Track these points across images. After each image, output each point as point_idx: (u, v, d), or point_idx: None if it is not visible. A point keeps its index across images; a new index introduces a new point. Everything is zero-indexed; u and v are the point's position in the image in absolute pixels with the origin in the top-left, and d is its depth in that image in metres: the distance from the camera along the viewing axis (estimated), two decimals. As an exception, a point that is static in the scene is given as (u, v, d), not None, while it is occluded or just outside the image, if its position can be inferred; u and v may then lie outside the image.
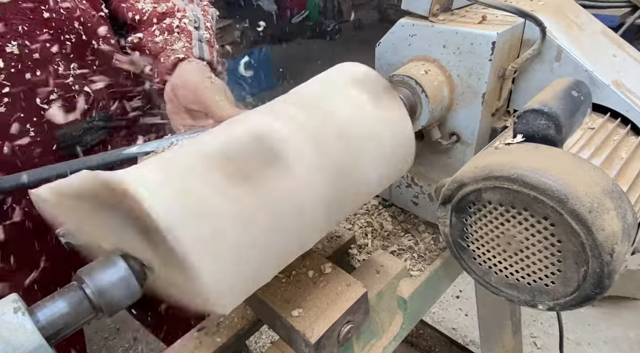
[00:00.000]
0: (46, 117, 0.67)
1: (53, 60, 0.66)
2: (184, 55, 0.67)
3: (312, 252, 0.59)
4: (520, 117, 0.48)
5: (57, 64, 0.67)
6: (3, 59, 0.62)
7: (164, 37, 0.69)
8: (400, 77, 0.58)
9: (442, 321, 1.88)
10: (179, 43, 0.68)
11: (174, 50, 0.67)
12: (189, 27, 0.71)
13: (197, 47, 0.69)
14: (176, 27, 0.70)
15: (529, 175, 0.41)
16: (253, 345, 1.83)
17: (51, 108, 0.67)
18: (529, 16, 0.55)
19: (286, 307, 0.52)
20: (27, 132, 0.66)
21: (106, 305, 0.36)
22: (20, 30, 0.62)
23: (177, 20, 0.71)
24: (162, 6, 0.72)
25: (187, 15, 0.72)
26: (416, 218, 0.77)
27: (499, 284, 0.49)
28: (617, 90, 0.57)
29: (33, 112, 0.66)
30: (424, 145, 0.67)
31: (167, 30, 0.70)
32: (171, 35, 0.70)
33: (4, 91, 0.62)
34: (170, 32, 0.70)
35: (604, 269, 0.39)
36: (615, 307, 1.84)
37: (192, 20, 0.72)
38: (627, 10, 1.87)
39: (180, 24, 0.71)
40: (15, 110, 0.64)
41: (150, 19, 0.72)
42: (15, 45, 0.62)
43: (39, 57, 0.65)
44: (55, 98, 0.67)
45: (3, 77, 0.62)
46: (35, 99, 0.66)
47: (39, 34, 0.64)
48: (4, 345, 0.30)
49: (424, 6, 0.59)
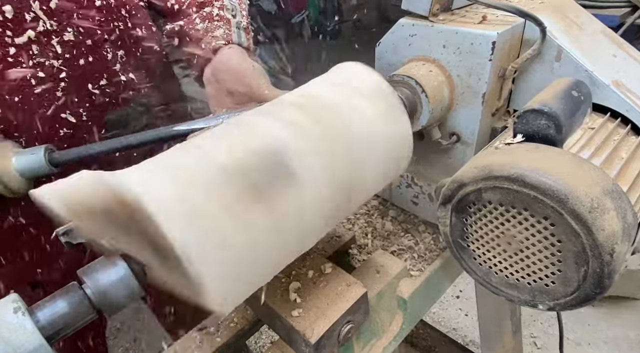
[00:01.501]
0: (96, 102, 0.71)
1: (103, 47, 0.70)
2: (224, 41, 0.71)
3: (312, 252, 0.59)
4: (520, 117, 0.48)
5: (106, 51, 0.70)
6: (61, 46, 0.65)
7: (204, 24, 0.73)
8: (400, 77, 0.58)
9: (442, 321, 1.88)
10: (219, 30, 0.72)
11: (215, 37, 0.71)
12: (227, 15, 0.74)
13: (235, 34, 0.73)
14: (216, 15, 0.74)
15: (529, 175, 0.41)
16: (253, 345, 1.83)
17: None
18: (529, 16, 0.55)
19: (286, 307, 0.52)
20: (80, 116, 0.70)
21: (106, 305, 0.36)
22: (75, 17, 0.66)
23: (216, 9, 0.74)
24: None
25: (225, 3, 0.76)
26: (416, 218, 0.77)
27: (499, 284, 0.49)
28: (617, 90, 0.57)
29: (86, 96, 0.70)
30: (424, 145, 0.67)
31: (207, 18, 0.73)
32: (211, 22, 0.73)
33: (61, 76, 0.66)
34: (211, 19, 0.73)
35: (604, 269, 0.39)
36: (615, 307, 1.84)
37: (230, 8, 0.76)
38: (627, 10, 1.87)
39: (220, 12, 0.74)
40: (71, 94, 0.68)
41: (190, 7, 0.76)
42: (71, 32, 0.65)
43: (91, 44, 0.68)
44: (105, 84, 0.71)
45: (61, 62, 0.65)
46: (87, 84, 0.69)
47: (91, 21, 0.68)
48: (4, 345, 0.30)
49: (424, 6, 0.59)
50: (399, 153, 0.52)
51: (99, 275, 0.36)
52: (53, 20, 0.64)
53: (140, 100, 0.78)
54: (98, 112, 0.72)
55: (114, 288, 0.36)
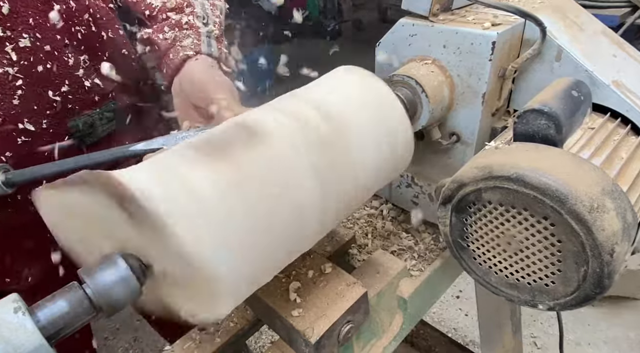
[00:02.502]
0: (58, 109, 0.68)
1: (63, 52, 0.67)
2: (192, 51, 0.67)
3: (312, 252, 0.59)
4: (520, 117, 0.48)
5: (67, 56, 0.68)
6: (16, 52, 0.62)
7: (173, 33, 0.70)
8: (400, 77, 0.58)
9: (442, 321, 1.88)
10: (188, 39, 0.69)
11: (183, 47, 0.68)
12: (197, 23, 0.71)
13: (205, 43, 0.70)
14: (185, 23, 0.70)
15: (529, 175, 0.41)
16: (253, 345, 1.83)
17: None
18: (529, 16, 0.55)
19: (286, 307, 0.52)
20: (39, 124, 0.67)
21: (106, 305, 0.36)
22: (32, 22, 0.63)
23: (185, 17, 0.71)
24: (171, 1, 0.73)
25: (196, 11, 0.73)
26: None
27: (499, 284, 0.49)
28: (617, 90, 0.57)
29: (45, 104, 0.67)
30: (424, 145, 0.67)
31: (176, 26, 0.70)
32: (180, 31, 0.70)
33: (17, 84, 0.63)
34: (180, 28, 0.70)
35: (604, 269, 0.39)
36: (615, 307, 1.84)
37: (201, 16, 0.73)
38: (627, 10, 1.87)
39: (189, 20, 0.71)
40: (29, 102, 0.65)
41: (160, 14, 0.73)
42: (27, 38, 0.63)
43: (50, 50, 0.65)
44: (67, 90, 0.68)
45: (16, 69, 0.63)
46: (47, 92, 0.67)
47: (50, 26, 0.65)
48: (4, 345, 0.30)
49: (424, 6, 0.59)
50: (400, 153, 0.52)
51: (100, 274, 0.36)
52: (5, 26, 0.60)
53: (108, 105, 0.75)
54: (60, 119, 0.69)
55: (114, 288, 0.36)
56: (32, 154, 0.68)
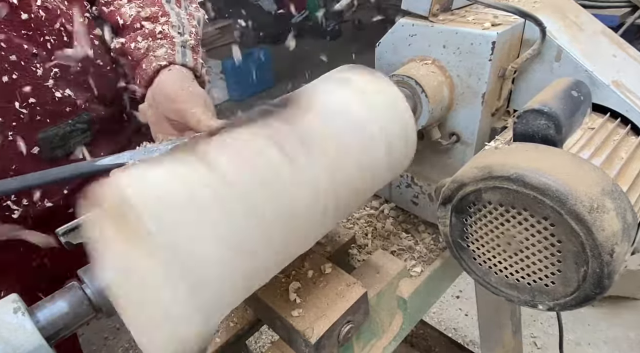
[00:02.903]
0: (25, 120, 0.66)
1: (31, 63, 0.65)
2: (166, 62, 0.66)
3: (312, 252, 0.59)
4: (520, 117, 0.48)
5: (35, 67, 0.65)
6: None
7: (146, 43, 0.68)
8: (400, 77, 0.58)
9: (442, 321, 1.88)
10: (162, 49, 0.67)
11: (157, 57, 0.66)
12: (172, 32, 0.69)
13: (180, 53, 0.67)
14: (159, 32, 0.68)
15: (529, 175, 0.41)
16: (253, 345, 1.83)
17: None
18: (529, 16, 0.55)
19: (286, 307, 0.52)
20: (5, 137, 0.65)
21: (106, 305, 0.36)
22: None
23: (160, 26, 0.69)
24: (146, 11, 0.71)
25: (171, 20, 0.71)
26: (416, 218, 0.77)
27: (499, 284, 0.49)
28: (617, 90, 0.57)
29: (12, 115, 0.65)
30: (423, 145, 0.67)
31: (150, 35, 0.68)
32: (154, 41, 0.68)
33: None
34: (153, 37, 0.68)
35: (603, 269, 0.39)
36: (615, 307, 1.84)
37: (176, 25, 0.70)
38: (627, 10, 1.87)
39: (163, 30, 0.69)
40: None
41: (134, 23, 0.70)
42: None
43: (16, 60, 0.63)
44: (34, 102, 0.66)
45: None
46: (14, 103, 0.64)
47: (16, 36, 0.63)
48: (4, 345, 0.30)
49: (424, 6, 0.59)
50: (401, 153, 0.52)
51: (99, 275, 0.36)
52: None
53: (81, 116, 0.73)
54: (27, 131, 0.67)
55: (114, 289, 0.36)
56: (1, 167, 0.66)
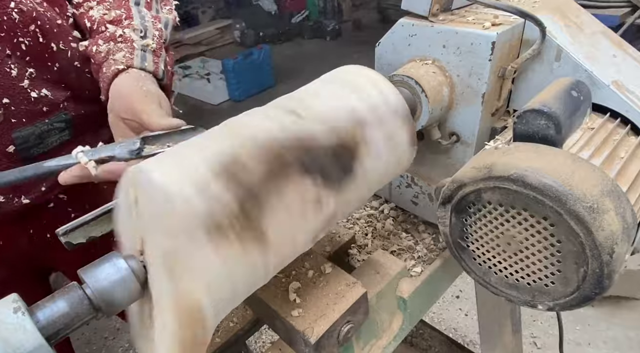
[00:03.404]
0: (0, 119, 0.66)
1: (5, 63, 0.66)
2: (124, 65, 0.66)
3: (312, 252, 0.59)
4: (520, 117, 0.48)
5: (9, 67, 0.66)
6: None
7: (107, 46, 0.68)
8: (400, 77, 0.58)
9: (442, 321, 1.88)
10: (121, 53, 0.67)
11: (115, 60, 0.66)
12: (132, 36, 0.69)
13: (139, 57, 0.68)
14: (119, 36, 0.68)
15: (528, 176, 0.41)
16: (253, 345, 1.83)
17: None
18: (529, 16, 0.55)
19: (286, 307, 0.52)
20: None
21: (106, 305, 0.36)
22: None
23: (120, 29, 0.69)
24: (110, 14, 0.71)
25: (134, 23, 0.71)
26: (416, 218, 0.77)
27: (498, 284, 0.49)
28: (617, 90, 0.57)
29: None
30: (424, 145, 0.67)
31: (110, 39, 0.69)
32: (115, 44, 0.68)
33: None
34: (114, 41, 0.68)
35: (603, 269, 0.39)
36: (615, 307, 1.84)
37: (139, 29, 0.70)
38: (627, 10, 1.88)
39: (124, 33, 0.69)
40: None
41: (99, 26, 0.71)
42: None
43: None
44: (8, 102, 0.67)
45: None
46: None
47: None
48: (3, 345, 0.30)
49: (423, 6, 0.59)
50: (404, 154, 0.52)
51: (99, 275, 0.36)
52: None
53: (59, 116, 0.74)
54: (2, 130, 0.68)
55: (114, 288, 0.36)
56: None
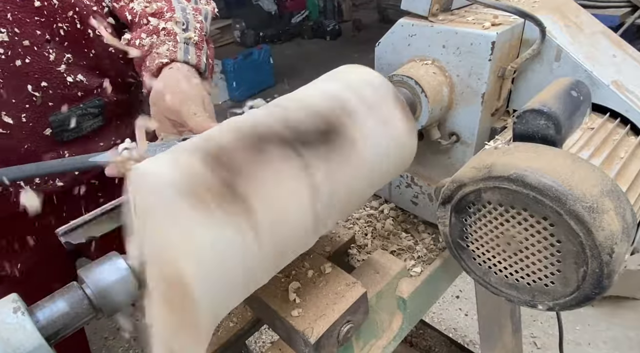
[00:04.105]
0: (37, 103, 0.68)
1: (44, 48, 0.67)
2: (167, 59, 0.66)
3: (312, 252, 0.59)
4: (520, 117, 0.48)
5: (48, 52, 0.68)
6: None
7: (150, 39, 0.68)
8: (400, 77, 0.58)
9: (442, 321, 1.88)
10: (164, 46, 0.67)
11: (159, 54, 0.66)
12: (175, 29, 0.69)
13: (182, 50, 0.67)
14: (162, 29, 0.68)
15: (528, 175, 0.41)
16: (253, 345, 1.83)
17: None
18: (528, 16, 0.55)
19: (286, 307, 0.52)
20: (18, 118, 0.68)
21: (106, 305, 0.36)
22: (10, 17, 0.63)
23: (163, 22, 0.69)
24: (152, 6, 0.71)
25: (176, 16, 0.70)
26: (416, 218, 0.77)
27: (498, 284, 0.49)
28: (616, 90, 0.57)
29: (25, 98, 0.67)
30: (424, 145, 0.67)
31: (153, 32, 0.68)
32: (158, 37, 0.68)
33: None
34: (157, 34, 0.68)
35: (603, 269, 0.39)
36: (615, 307, 1.84)
37: (181, 21, 0.70)
38: (627, 10, 1.88)
39: (167, 26, 0.68)
40: (7, 96, 0.66)
41: (141, 19, 0.71)
42: (4, 32, 0.63)
43: (29, 44, 0.65)
44: (46, 85, 0.68)
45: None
46: (26, 86, 0.67)
47: (30, 22, 0.65)
48: (3, 345, 0.30)
49: (423, 6, 0.59)
50: (404, 154, 0.52)
51: (99, 275, 0.36)
52: None
53: (93, 101, 0.75)
54: (40, 113, 0.69)
55: (114, 288, 0.36)
56: (11, 147, 0.68)
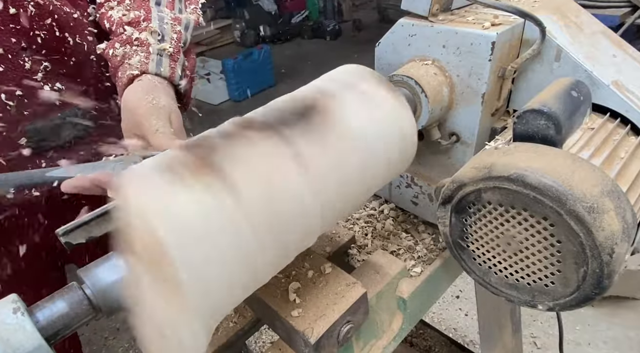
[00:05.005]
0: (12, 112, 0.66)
1: (19, 56, 0.65)
2: (138, 71, 0.64)
3: (312, 252, 0.59)
4: (520, 117, 0.48)
5: (23, 60, 0.65)
6: None
7: (123, 49, 0.66)
8: (400, 77, 0.58)
9: (442, 321, 1.88)
10: (136, 57, 0.65)
11: (130, 65, 0.64)
12: (149, 39, 0.67)
13: (154, 61, 0.65)
14: (135, 39, 0.66)
15: (528, 176, 0.41)
16: (253, 345, 1.83)
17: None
18: (528, 16, 0.55)
19: (286, 307, 0.52)
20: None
21: (106, 305, 0.36)
22: None
23: (137, 32, 0.67)
24: (129, 15, 0.69)
25: (151, 25, 0.68)
26: (416, 218, 0.77)
27: (498, 284, 0.49)
28: (616, 90, 0.57)
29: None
30: (424, 146, 0.67)
31: (127, 42, 0.66)
32: (131, 47, 0.66)
33: None
34: (130, 44, 0.66)
35: (603, 269, 0.39)
36: (615, 307, 1.84)
37: (157, 32, 0.68)
38: (627, 10, 1.88)
39: (141, 36, 0.67)
40: None
41: (117, 28, 0.69)
42: None
43: (3, 53, 0.63)
44: (21, 94, 0.66)
45: None
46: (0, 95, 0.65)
47: (4, 29, 0.63)
48: (3, 345, 0.30)
49: (423, 6, 0.59)
50: (403, 153, 0.52)
51: (99, 275, 0.36)
52: None
53: (73, 110, 0.73)
54: (15, 123, 0.67)
55: (114, 289, 0.36)
56: None
